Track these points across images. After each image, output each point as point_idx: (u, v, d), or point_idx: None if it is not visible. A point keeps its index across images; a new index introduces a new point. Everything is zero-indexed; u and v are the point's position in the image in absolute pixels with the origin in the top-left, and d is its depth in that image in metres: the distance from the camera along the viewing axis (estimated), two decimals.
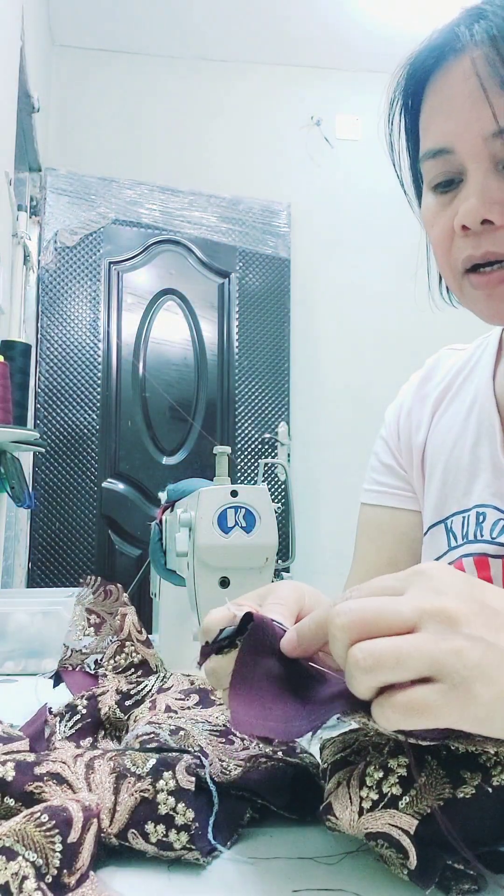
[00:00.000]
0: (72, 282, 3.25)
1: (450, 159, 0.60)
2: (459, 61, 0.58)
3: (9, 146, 2.33)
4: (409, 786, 0.38)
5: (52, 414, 3.18)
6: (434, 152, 0.61)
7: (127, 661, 0.65)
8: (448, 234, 0.62)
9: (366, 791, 0.38)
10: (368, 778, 0.39)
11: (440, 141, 0.60)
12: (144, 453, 3.30)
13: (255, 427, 3.44)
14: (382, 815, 0.37)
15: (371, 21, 3.50)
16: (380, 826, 0.37)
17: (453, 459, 0.75)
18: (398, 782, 0.38)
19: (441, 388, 0.81)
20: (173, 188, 3.46)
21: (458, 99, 0.58)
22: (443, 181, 0.61)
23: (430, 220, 0.64)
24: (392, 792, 0.38)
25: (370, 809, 0.38)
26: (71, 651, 0.71)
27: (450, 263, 0.63)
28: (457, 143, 0.59)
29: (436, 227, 0.63)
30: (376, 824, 0.37)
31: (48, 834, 0.36)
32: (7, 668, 0.93)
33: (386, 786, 0.38)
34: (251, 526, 0.75)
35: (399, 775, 0.38)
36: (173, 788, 0.41)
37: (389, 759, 0.39)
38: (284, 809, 0.46)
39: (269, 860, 0.41)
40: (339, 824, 0.39)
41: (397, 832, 0.37)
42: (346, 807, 0.38)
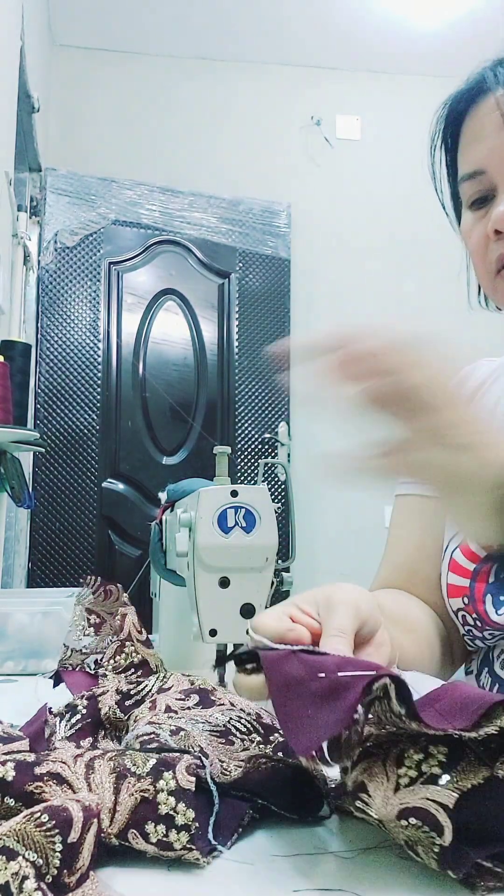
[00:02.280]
0: (72, 282, 3.25)
1: (483, 179, 0.72)
2: (486, 100, 0.71)
3: (9, 146, 2.33)
4: (449, 769, 0.38)
5: (52, 414, 3.18)
6: (470, 174, 0.73)
7: (127, 661, 0.65)
8: (483, 240, 0.73)
9: (404, 769, 0.38)
10: (407, 759, 0.38)
11: (474, 165, 0.72)
12: (144, 453, 3.30)
13: (255, 427, 3.44)
14: (420, 789, 0.37)
15: (371, 21, 3.50)
16: (417, 801, 0.37)
17: None
18: (438, 765, 0.38)
19: (473, 388, 0.88)
20: (173, 188, 3.46)
21: (487, 129, 0.71)
22: (478, 198, 0.73)
23: (468, 232, 0.75)
24: (432, 772, 0.38)
25: (408, 785, 0.37)
26: (71, 651, 0.71)
27: (485, 266, 0.74)
28: (488, 165, 0.71)
29: (473, 236, 0.74)
30: (413, 799, 0.37)
31: (48, 834, 0.36)
32: (7, 668, 0.93)
33: (426, 766, 0.38)
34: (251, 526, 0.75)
35: (439, 760, 0.38)
36: (173, 788, 0.41)
37: (429, 745, 0.39)
38: (284, 809, 0.46)
39: (269, 860, 0.41)
40: (372, 802, 0.38)
41: (434, 807, 0.36)
42: (381, 783, 0.38)
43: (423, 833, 0.36)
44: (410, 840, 0.37)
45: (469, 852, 0.36)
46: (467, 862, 0.36)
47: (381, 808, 0.38)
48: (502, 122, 0.69)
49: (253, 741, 0.48)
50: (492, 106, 0.70)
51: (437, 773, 0.38)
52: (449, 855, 0.36)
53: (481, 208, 0.73)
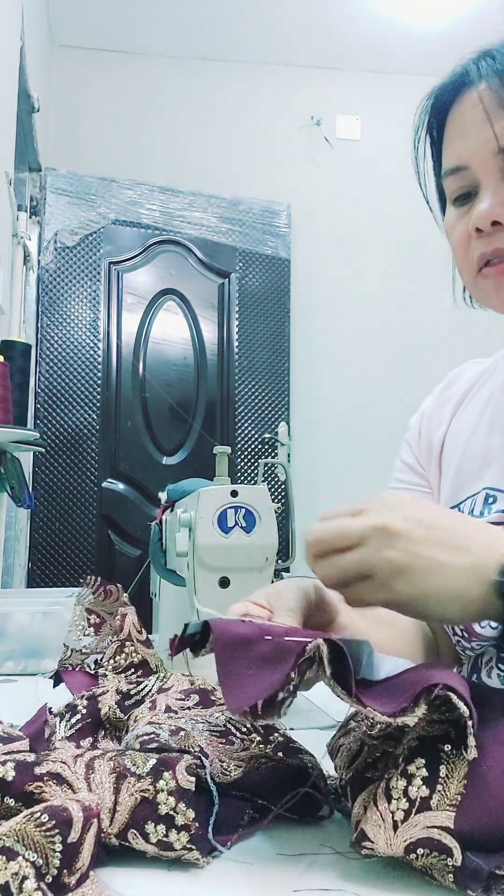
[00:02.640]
0: (72, 282, 3.25)
1: (465, 175, 0.70)
2: (470, 93, 0.69)
3: (9, 146, 2.33)
4: (434, 783, 0.38)
5: (52, 414, 3.18)
6: (453, 170, 0.72)
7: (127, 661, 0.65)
8: (465, 237, 0.72)
9: (394, 804, 0.38)
10: (394, 791, 0.38)
11: (457, 160, 0.71)
12: (144, 453, 3.30)
13: (255, 427, 3.44)
14: (418, 819, 0.37)
15: (371, 21, 3.50)
16: (418, 833, 0.37)
17: (468, 450, 0.81)
18: (423, 784, 0.38)
19: (461, 392, 0.88)
20: (173, 188, 3.46)
21: (469, 124, 0.69)
22: (461, 194, 0.72)
23: (451, 229, 0.74)
24: (420, 795, 0.38)
25: (404, 820, 0.37)
26: (71, 651, 0.71)
27: (466, 264, 0.73)
28: (470, 160, 0.69)
29: (455, 233, 0.73)
30: (414, 832, 0.37)
31: (48, 834, 0.36)
32: (7, 668, 0.93)
33: (412, 791, 0.38)
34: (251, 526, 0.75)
35: (422, 777, 0.38)
36: (173, 788, 0.41)
37: (407, 765, 0.39)
38: (285, 809, 0.46)
39: (269, 860, 0.41)
40: (376, 848, 0.38)
41: (437, 832, 0.36)
42: (379, 826, 0.38)
43: (435, 859, 0.37)
44: (425, 867, 0.37)
45: (482, 864, 0.36)
46: (482, 874, 0.36)
47: (387, 849, 0.38)
48: (485, 117, 0.67)
49: (253, 741, 0.48)
50: (475, 100, 0.68)
51: (425, 794, 0.38)
52: (464, 873, 0.36)
53: (464, 204, 0.72)
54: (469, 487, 0.79)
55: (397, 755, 0.41)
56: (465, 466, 0.80)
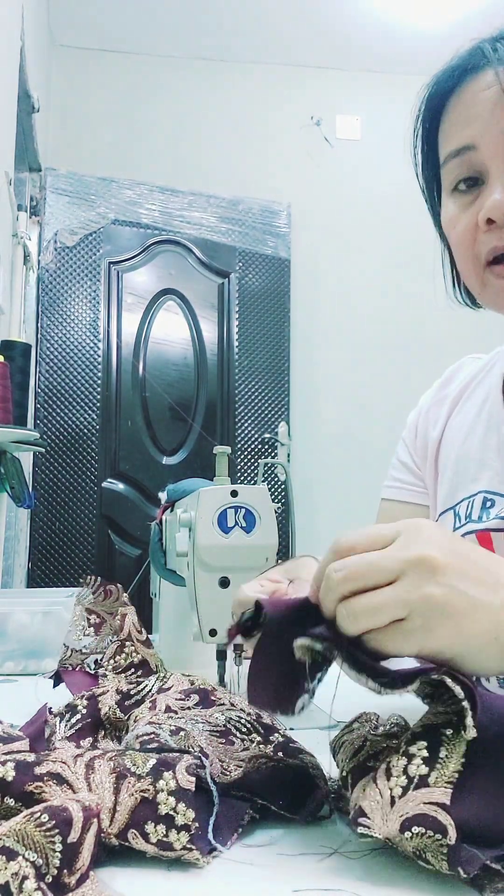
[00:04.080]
0: (72, 282, 3.25)
1: (472, 157, 0.65)
2: (479, 76, 0.65)
3: (9, 146, 2.33)
4: (434, 762, 0.38)
5: (52, 414, 3.18)
6: (458, 150, 0.66)
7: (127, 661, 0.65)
8: (471, 230, 0.66)
9: (393, 781, 0.39)
10: (394, 769, 0.39)
11: (463, 140, 0.65)
12: (144, 453, 3.30)
13: (255, 427, 3.44)
14: (415, 795, 0.37)
15: (371, 21, 3.50)
16: (414, 808, 0.37)
17: (464, 451, 0.80)
18: (422, 762, 0.38)
19: (458, 391, 0.86)
20: (173, 188, 3.46)
21: (480, 105, 0.64)
22: (463, 178, 0.66)
23: (453, 221, 0.68)
24: (419, 773, 0.38)
25: (402, 795, 0.38)
26: (71, 651, 0.71)
27: (472, 259, 0.67)
28: (480, 141, 0.64)
29: (458, 226, 0.67)
30: (410, 807, 0.37)
31: (48, 834, 0.36)
32: (7, 668, 0.93)
33: (412, 770, 0.38)
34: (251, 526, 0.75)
35: (422, 756, 0.39)
36: (173, 788, 0.41)
37: (409, 746, 0.40)
38: (284, 809, 0.46)
39: (269, 860, 0.41)
40: (372, 823, 0.38)
41: (433, 808, 0.37)
42: (376, 801, 0.38)
43: (429, 839, 0.36)
44: (418, 849, 0.37)
45: (478, 854, 0.36)
46: (477, 862, 0.36)
47: (382, 826, 0.38)
48: (498, 99, 0.63)
49: (253, 741, 0.48)
50: (489, 80, 0.64)
51: (424, 772, 0.38)
52: (457, 854, 0.36)
53: (467, 193, 0.67)
54: (465, 489, 0.78)
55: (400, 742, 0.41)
56: (462, 467, 0.79)
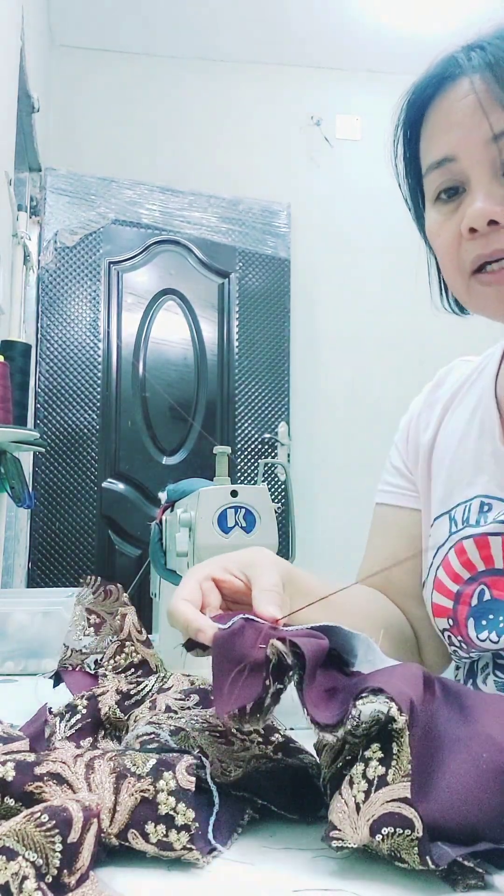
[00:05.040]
0: (72, 282, 3.25)
1: (452, 167, 0.66)
2: (458, 84, 0.65)
3: (9, 146, 2.33)
4: (389, 760, 0.39)
5: (52, 414, 3.18)
6: (438, 162, 0.66)
7: (127, 661, 0.65)
8: (455, 239, 0.66)
9: (356, 788, 0.39)
10: (354, 776, 0.39)
11: (443, 151, 0.66)
12: (144, 453, 3.30)
13: (255, 427, 3.44)
14: (377, 796, 0.38)
15: (371, 21, 3.50)
16: (379, 809, 0.37)
17: (458, 455, 0.79)
18: (378, 764, 0.39)
19: (450, 394, 0.85)
20: (173, 188, 3.46)
21: (458, 114, 0.65)
22: (445, 189, 0.67)
23: (437, 230, 0.69)
24: (377, 774, 0.39)
25: (365, 800, 0.38)
26: (71, 651, 0.71)
27: (458, 267, 0.68)
28: (459, 151, 0.65)
29: (442, 234, 0.68)
30: (375, 809, 0.38)
31: (48, 834, 0.36)
32: (7, 668, 0.93)
33: (370, 772, 0.39)
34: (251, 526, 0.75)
35: (377, 758, 0.39)
36: (173, 788, 0.41)
37: (364, 751, 0.40)
38: (284, 809, 0.46)
39: (269, 860, 0.41)
40: (344, 835, 0.38)
41: (397, 805, 0.37)
42: (343, 812, 0.39)
43: (400, 837, 0.37)
44: (392, 850, 0.38)
45: (448, 851, 0.37)
46: (447, 857, 0.36)
47: (353, 835, 0.38)
48: (476, 107, 0.63)
49: (253, 741, 0.48)
50: (464, 91, 0.64)
51: (381, 772, 0.39)
52: (427, 846, 0.37)
53: (449, 202, 0.67)
54: (461, 493, 0.77)
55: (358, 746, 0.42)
56: (456, 471, 0.79)
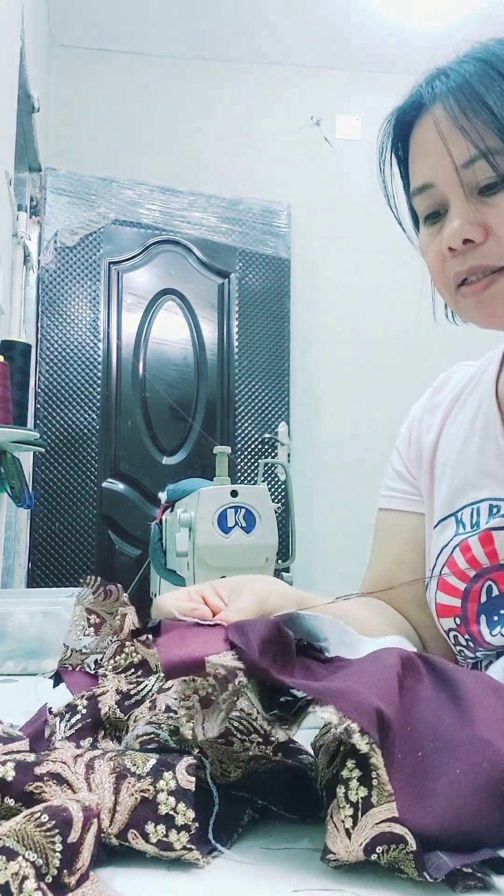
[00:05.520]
0: (72, 282, 3.25)
1: (433, 193, 0.70)
2: (429, 113, 0.70)
3: (9, 146, 2.33)
4: (368, 780, 0.38)
5: (52, 414, 3.18)
6: (420, 188, 0.72)
7: (127, 661, 0.65)
8: (440, 257, 0.71)
9: (342, 812, 0.38)
10: (339, 800, 0.39)
11: (423, 178, 0.71)
12: (144, 453, 3.30)
13: (255, 427, 3.44)
14: (365, 820, 0.37)
15: (371, 21, 3.50)
16: (370, 832, 0.37)
17: (462, 458, 0.80)
18: (359, 784, 0.38)
19: (451, 398, 0.87)
20: (173, 188, 3.46)
21: (430, 144, 0.69)
22: (430, 213, 0.72)
23: (425, 249, 0.74)
24: (360, 796, 0.38)
25: (354, 825, 0.38)
26: (71, 651, 0.71)
27: (444, 283, 0.73)
28: (435, 178, 0.70)
29: (429, 253, 0.73)
30: (365, 833, 0.37)
31: (48, 834, 0.36)
32: (7, 668, 0.93)
33: (353, 795, 0.38)
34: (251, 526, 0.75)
35: (356, 777, 0.38)
36: (173, 788, 0.41)
37: (341, 770, 0.39)
38: (284, 810, 0.46)
39: (269, 860, 0.41)
40: (339, 857, 0.38)
41: (386, 825, 0.37)
42: (336, 837, 0.38)
43: (395, 851, 0.37)
44: (390, 863, 0.38)
45: (446, 861, 0.37)
46: (444, 868, 0.36)
47: (348, 856, 0.38)
48: (441, 139, 0.68)
49: (253, 741, 0.48)
50: (432, 122, 0.69)
51: (364, 794, 0.38)
52: (423, 861, 0.37)
53: (435, 223, 0.72)
54: (467, 496, 0.78)
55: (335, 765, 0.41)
56: (461, 475, 0.80)
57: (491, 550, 0.72)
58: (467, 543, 0.74)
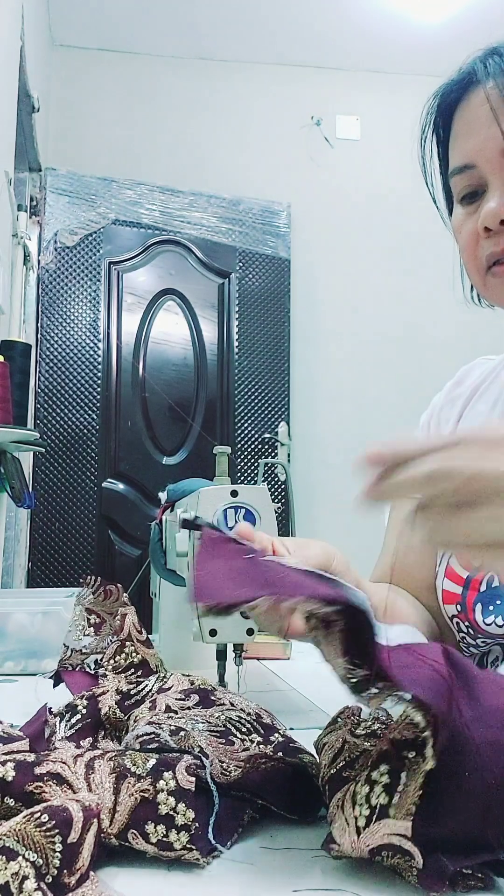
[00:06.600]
0: (72, 282, 3.25)
1: (473, 174, 0.70)
2: (477, 91, 0.70)
3: (9, 146, 2.33)
4: (393, 790, 0.38)
5: (52, 414, 3.18)
6: (460, 168, 0.72)
7: (127, 661, 0.65)
8: (474, 237, 0.72)
9: (357, 809, 0.38)
10: (357, 796, 0.39)
11: (464, 158, 0.71)
12: (144, 453, 3.30)
13: (255, 427, 3.44)
14: (378, 827, 0.37)
15: (371, 20, 3.50)
16: (379, 839, 0.37)
17: None
18: (383, 791, 0.38)
19: (471, 390, 0.88)
20: (173, 188, 3.46)
21: (477, 123, 0.69)
22: (468, 193, 0.72)
23: (458, 228, 0.74)
24: (380, 802, 0.38)
25: (366, 826, 0.38)
26: (71, 651, 0.71)
27: (476, 263, 0.73)
28: (477, 159, 0.70)
29: (463, 232, 0.74)
30: (375, 839, 0.37)
31: (48, 834, 0.36)
32: (7, 668, 0.93)
33: (374, 798, 0.38)
34: None
35: (383, 784, 0.38)
36: (173, 788, 0.41)
37: (372, 771, 0.39)
38: (284, 809, 0.46)
39: (269, 860, 0.41)
40: (343, 850, 0.39)
41: (397, 839, 0.37)
42: (344, 831, 0.39)
43: (399, 860, 0.37)
44: (392, 866, 0.38)
45: (448, 864, 0.37)
46: (445, 874, 0.36)
47: (352, 852, 0.38)
48: (492, 116, 0.67)
49: (253, 741, 0.48)
50: (482, 98, 0.68)
51: (384, 801, 0.38)
52: (426, 874, 0.37)
53: (472, 203, 0.72)
54: None
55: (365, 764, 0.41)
56: None
57: None
58: None
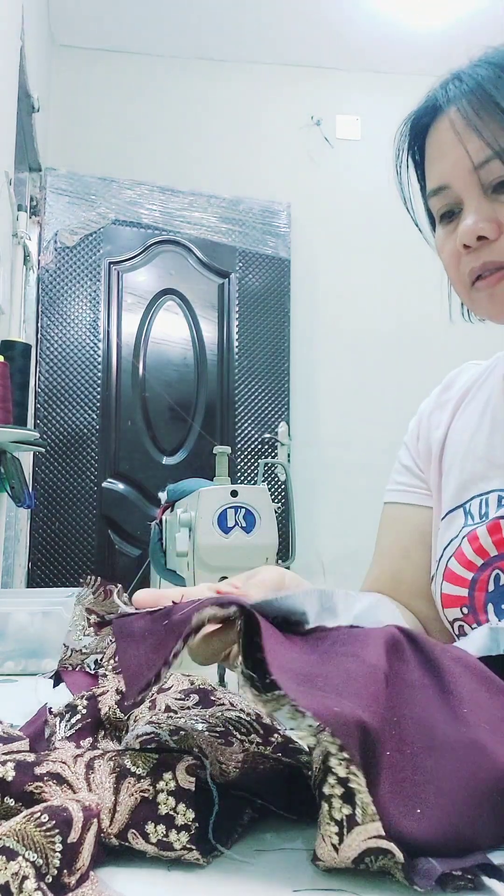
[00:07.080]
0: (72, 282, 3.25)
1: (448, 193, 0.73)
2: (444, 116, 0.73)
3: (9, 146, 2.33)
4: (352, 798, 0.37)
5: (52, 414, 3.18)
6: (436, 190, 0.74)
7: None
8: (455, 255, 0.74)
9: (326, 828, 0.38)
10: (323, 815, 0.38)
11: (439, 180, 0.74)
12: (144, 453, 3.30)
13: (255, 427, 3.44)
14: (351, 839, 0.37)
15: (371, 21, 3.50)
16: (357, 848, 0.37)
17: (471, 451, 0.82)
18: (343, 802, 0.37)
19: (460, 394, 0.88)
20: (173, 188, 3.46)
21: (446, 146, 0.73)
22: (446, 212, 0.75)
23: (441, 247, 0.77)
24: (344, 814, 0.37)
25: (340, 842, 0.37)
26: (71, 651, 0.71)
27: (459, 280, 0.75)
28: (450, 179, 0.72)
29: (445, 251, 0.76)
30: (351, 849, 0.37)
31: (48, 834, 0.36)
32: (7, 668, 0.93)
33: (336, 813, 0.38)
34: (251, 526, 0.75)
35: (339, 794, 0.38)
36: (173, 789, 0.41)
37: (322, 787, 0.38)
38: (284, 810, 0.46)
39: (269, 860, 0.41)
40: (328, 864, 0.38)
41: (374, 842, 0.37)
42: (324, 848, 0.38)
43: (384, 860, 0.37)
44: (382, 868, 0.38)
45: (436, 866, 0.37)
46: (434, 874, 0.36)
47: (335, 864, 0.38)
48: (457, 140, 0.70)
49: (252, 742, 0.48)
50: (448, 123, 0.72)
51: (348, 812, 0.37)
52: (412, 869, 0.37)
53: (451, 222, 0.74)
54: (475, 487, 0.79)
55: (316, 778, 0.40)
56: (469, 467, 0.81)
57: (499, 539, 0.73)
58: (475, 533, 0.75)
